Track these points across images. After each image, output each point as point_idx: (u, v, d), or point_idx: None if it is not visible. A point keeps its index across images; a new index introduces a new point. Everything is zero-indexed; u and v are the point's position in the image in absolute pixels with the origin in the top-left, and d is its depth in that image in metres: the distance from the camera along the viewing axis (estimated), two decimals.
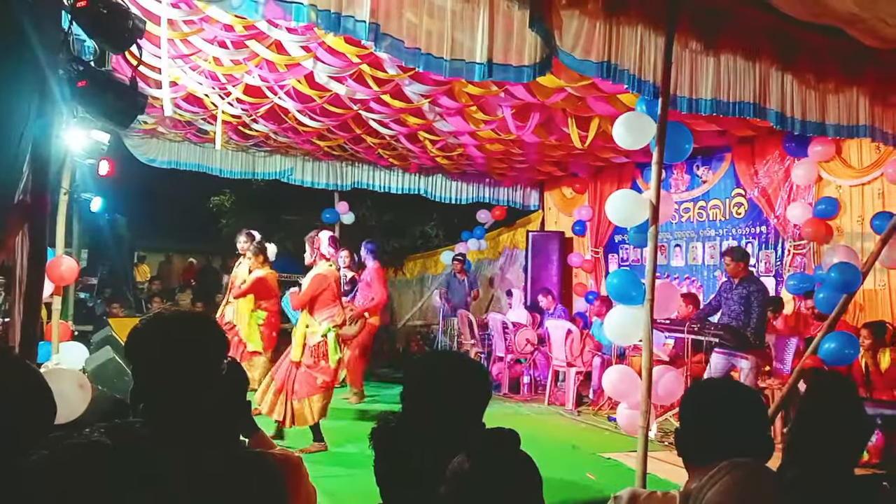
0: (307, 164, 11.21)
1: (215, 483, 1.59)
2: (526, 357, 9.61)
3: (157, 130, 9.48)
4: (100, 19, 3.53)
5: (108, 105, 3.78)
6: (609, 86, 5.52)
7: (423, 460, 1.70)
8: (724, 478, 1.37)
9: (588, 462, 6.20)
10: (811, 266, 7.97)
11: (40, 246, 3.67)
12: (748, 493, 1.35)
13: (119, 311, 10.01)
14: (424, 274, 14.83)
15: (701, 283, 9.56)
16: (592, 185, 11.41)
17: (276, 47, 5.83)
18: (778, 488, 1.35)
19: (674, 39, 4.47)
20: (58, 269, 5.50)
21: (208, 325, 1.77)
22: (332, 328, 6.23)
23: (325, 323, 6.23)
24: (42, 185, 3.67)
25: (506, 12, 4.12)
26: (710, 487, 1.37)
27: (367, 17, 3.84)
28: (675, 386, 5.16)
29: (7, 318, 5.03)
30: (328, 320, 6.24)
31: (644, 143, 4.87)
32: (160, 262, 18.47)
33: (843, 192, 7.84)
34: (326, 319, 6.24)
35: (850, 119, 5.42)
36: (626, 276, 4.99)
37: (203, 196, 16.80)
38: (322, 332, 6.20)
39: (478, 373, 1.96)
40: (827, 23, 4.50)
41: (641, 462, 4.43)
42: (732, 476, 1.37)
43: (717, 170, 9.42)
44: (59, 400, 1.73)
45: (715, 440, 1.77)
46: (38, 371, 1.96)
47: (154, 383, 1.65)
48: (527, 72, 4.22)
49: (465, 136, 8.41)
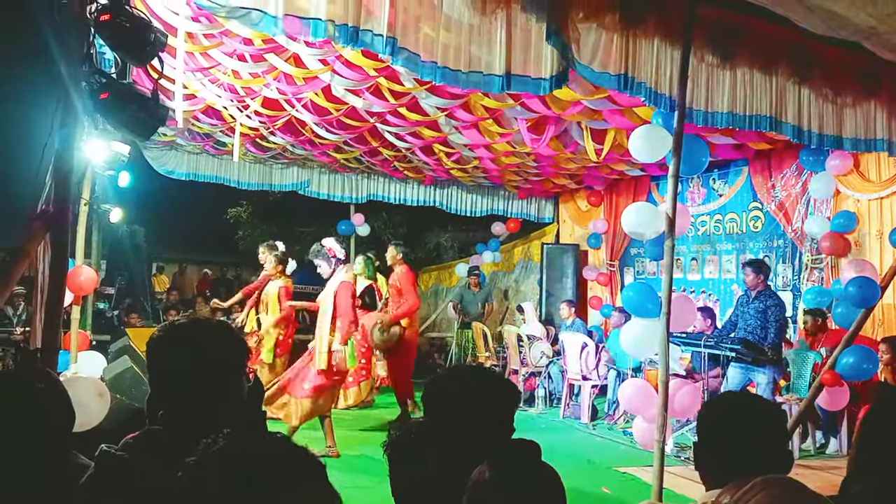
0: (323, 176, 11.29)
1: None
2: (540, 370, 9.57)
3: (176, 142, 9.58)
4: (122, 33, 3.59)
5: (130, 117, 3.84)
6: (625, 98, 5.52)
7: (442, 470, 1.70)
8: (758, 494, 1.35)
9: (604, 476, 6.15)
10: (829, 280, 7.90)
11: (62, 255, 3.72)
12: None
13: (137, 321, 10.08)
14: (439, 286, 14.84)
15: (717, 297, 9.51)
16: (608, 198, 11.39)
17: (294, 60, 5.89)
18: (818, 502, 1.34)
19: (690, 53, 4.48)
20: (77, 279, 5.55)
21: (227, 332, 1.78)
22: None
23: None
24: (64, 195, 3.73)
25: (523, 26, 4.15)
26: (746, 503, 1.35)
27: (384, 31, 3.88)
28: (691, 400, 5.13)
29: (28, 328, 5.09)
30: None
31: (660, 156, 4.87)
32: (175, 272, 18.60)
33: (862, 206, 7.77)
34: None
35: (867, 133, 5.40)
36: (642, 290, 4.98)
37: (220, 208, 16.92)
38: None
39: (503, 383, 1.96)
40: (845, 37, 4.49)
41: (658, 477, 4.40)
42: (769, 492, 1.35)
43: (733, 183, 9.38)
44: (79, 408, 1.75)
45: (734, 454, 1.75)
46: (58, 379, 1.99)
47: (172, 390, 1.66)
48: (544, 84, 4.24)
49: (480, 148, 8.43)
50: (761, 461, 1.68)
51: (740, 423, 1.84)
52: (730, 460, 1.74)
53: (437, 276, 15.00)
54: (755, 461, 1.67)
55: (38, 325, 3.78)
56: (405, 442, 1.84)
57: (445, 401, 1.88)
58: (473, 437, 1.77)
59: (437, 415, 1.88)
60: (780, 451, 1.85)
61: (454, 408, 1.84)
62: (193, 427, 1.60)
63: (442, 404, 1.88)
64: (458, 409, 1.84)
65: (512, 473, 1.49)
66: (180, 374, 1.65)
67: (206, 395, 1.64)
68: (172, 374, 1.67)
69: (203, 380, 1.65)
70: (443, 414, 1.87)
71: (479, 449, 1.59)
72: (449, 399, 1.87)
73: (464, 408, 1.83)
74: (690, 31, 4.47)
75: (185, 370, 1.65)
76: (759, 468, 1.60)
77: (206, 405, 1.64)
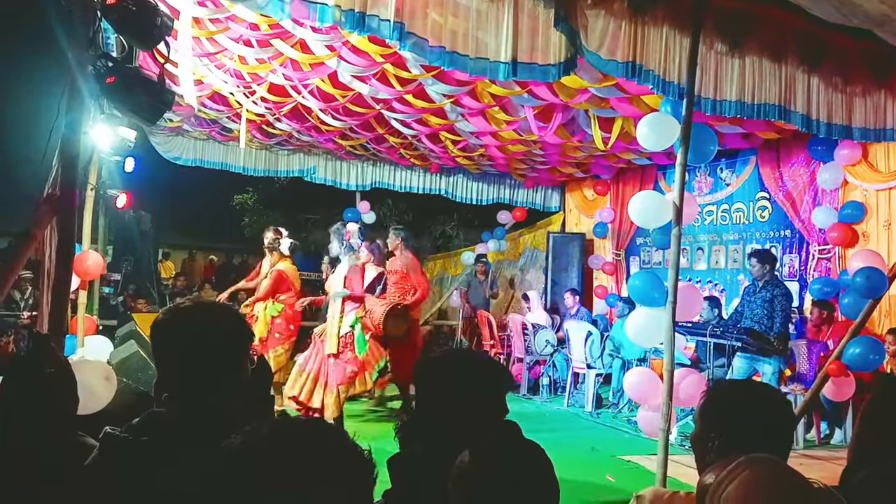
0: (329, 162, 11.27)
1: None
2: (545, 359, 9.58)
3: (183, 128, 9.58)
4: (129, 17, 3.58)
5: (137, 101, 3.84)
6: (633, 86, 5.49)
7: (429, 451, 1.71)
8: (743, 472, 1.35)
9: (608, 464, 6.17)
10: (836, 271, 7.88)
11: (68, 239, 3.72)
12: (772, 485, 1.33)
13: (143, 306, 10.11)
14: (444, 274, 14.84)
15: (724, 287, 9.48)
16: (614, 187, 11.36)
17: (300, 46, 5.87)
18: (802, 482, 1.34)
19: (699, 40, 4.45)
20: (84, 264, 5.56)
21: (230, 315, 1.78)
22: (358, 319, 6.35)
23: (351, 314, 6.38)
24: (70, 179, 3.73)
25: (531, 12, 4.13)
26: (730, 482, 1.35)
27: (391, 16, 3.86)
28: (696, 389, 5.13)
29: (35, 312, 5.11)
30: (354, 311, 6.39)
31: (668, 145, 4.84)
32: (184, 258, 18.65)
33: (870, 197, 7.73)
34: (353, 311, 6.39)
35: (877, 122, 5.36)
36: (648, 278, 4.97)
37: (227, 194, 16.95)
38: (350, 323, 6.36)
39: (492, 366, 1.97)
40: (857, 24, 4.45)
41: (662, 465, 4.40)
42: (753, 470, 1.35)
43: (741, 173, 9.33)
44: (86, 391, 1.76)
45: (735, 439, 1.74)
46: (68, 363, 2.00)
47: (177, 372, 1.66)
48: (552, 71, 4.22)
49: (486, 136, 8.41)
50: (761, 447, 1.67)
51: (742, 409, 1.83)
52: (730, 445, 1.73)
53: (443, 265, 15.00)
54: (755, 447, 1.67)
55: (45, 308, 3.80)
56: (408, 424, 1.86)
57: (433, 382, 1.90)
58: (461, 419, 1.79)
59: (425, 396, 1.90)
60: (783, 437, 1.84)
61: (442, 389, 1.87)
62: (196, 409, 1.61)
63: (430, 386, 1.91)
64: (445, 390, 1.86)
65: (491, 458, 1.49)
66: (183, 357, 1.65)
67: (209, 377, 1.64)
68: (176, 357, 1.67)
69: (206, 362, 1.65)
70: (431, 395, 1.89)
71: (467, 430, 1.60)
72: (437, 381, 1.90)
73: (452, 390, 1.85)
74: (699, 18, 4.43)
75: (187, 353, 1.65)
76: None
77: (208, 387, 1.64)
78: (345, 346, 6.35)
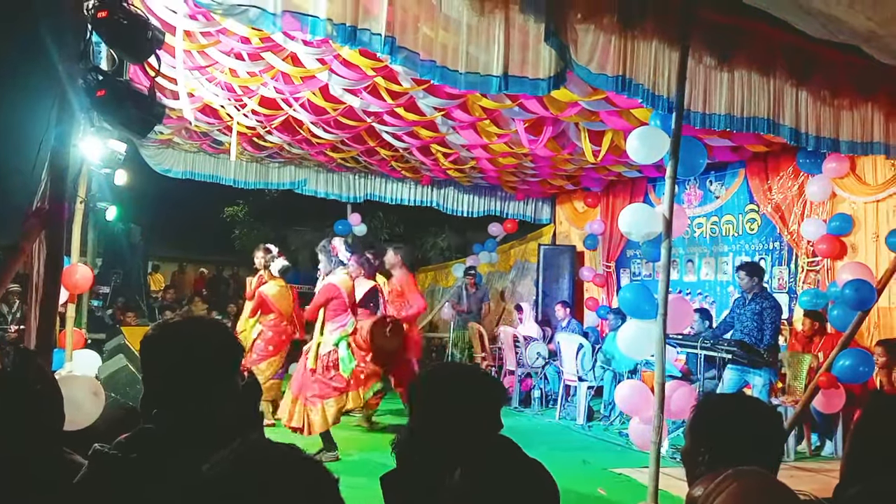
0: (320, 175, 11.26)
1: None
2: (537, 371, 9.56)
3: (173, 141, 9.55)
4: (119, 30, 3.58)
5: (127, 114, 3.83)
6: (623, 100, 5.52)
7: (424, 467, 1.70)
8: (731, 484, 1.35)
9: (599, 477, 6.15)
10: (825, 283, 7.91)
11: (57, 253, 3.70)
12: (760, 498, 1.34)
13: (132, 319, 10.04)
14: (435, 286, 14.82)
15: (714, 299, 9.51)
16: (604, 199, 11.40)
17: (291, 59, 5.88)
18: (790, 495, 1.34)
19: (688, 54, 4.48)
20: (72, 278, 5.52)
21: (220, 329, 1.77)
22: (343, 337, 6.24)
23: (335, 333, 6.24)
24: (59, 192, 3.71)
25: (521, 27, 4.15)
26: (718, 495, 1.35)
27: (382, 30, 3.87)
28: (687, 401, 5.13)
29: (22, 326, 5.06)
30: (339, 330, 6.25)
31: (658, 158, 4.87)
32: (173, 271, 18.56)
33: (858, 209, 7.79)
34: (337, 329, 6.25)
35: (864, 136, 5.41)
36: (639, 291, 4.98)
37: (217, 206, 16.91)
38: (333, 342, 6.21)
39: (487, 380, 1.96)
40: (843, 40, 4.49)
41: (653, 478, 4.39)
42: (741, 483, 1.35)
43: (730, 185, 9.39)
44: (73, 407, 1.75)
45: (724, 453, 1.74)
46: (55, 380, 1.99)
47: (166, 388, 1.65)
48: (542, 85, 4.24)
49: (477, 149, 8.43)
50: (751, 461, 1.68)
51: (732, 423, 1.83)
52: (720, 460, 1.73)
53: (434, 277, 14.99)
54: (745, 461, 1.67)
55: (33, 323, 3.77)
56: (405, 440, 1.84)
57: (426, 396, 1.89)
58: (454, 432, 1.77)
59: (418, 410, 1.89)
60: (773, 451, 1.84)
61: (435, 403, 1.86)
62: (185, 425, 1.60)
63: (423, 400, 1.89)
64: (438, 404, 1.85)
65: (481, 478, 1.47)
66: (173, 373, 1.65)
67: (198, 393, 1.64)
68: (165, 373, 1.66)
69: (195, 378, 1.64)
70: (424, 409, 1.88)
71: (461, 444, 1.59)
72: (430, 394, 1.89)
73: (446, 404, 1.84)
74: (688, 33, 4.47)
75: (177, 368, 1.64)
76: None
77: (198, 403, 1.63)
78: (328, 367, 6.17)
